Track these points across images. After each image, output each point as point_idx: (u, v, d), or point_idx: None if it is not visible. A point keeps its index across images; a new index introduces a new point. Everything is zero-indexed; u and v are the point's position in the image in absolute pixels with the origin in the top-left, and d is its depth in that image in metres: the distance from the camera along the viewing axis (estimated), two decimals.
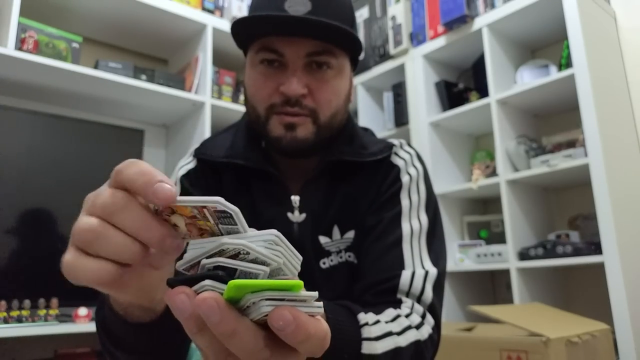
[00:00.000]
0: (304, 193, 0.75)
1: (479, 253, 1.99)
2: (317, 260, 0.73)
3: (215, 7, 2.20)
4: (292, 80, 0.68)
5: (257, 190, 0.76)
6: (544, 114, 2.13)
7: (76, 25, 2.04)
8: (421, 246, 0.72)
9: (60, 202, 1.76)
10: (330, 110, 0.72)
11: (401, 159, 0.78)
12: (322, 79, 0.71)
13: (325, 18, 0.66)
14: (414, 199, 0.75)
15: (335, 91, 0.72)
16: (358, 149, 0.77)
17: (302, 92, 0.69)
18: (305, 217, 0.74)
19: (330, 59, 0.70)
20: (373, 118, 2.54)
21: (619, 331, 1.52)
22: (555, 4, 1.84)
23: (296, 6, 0.66)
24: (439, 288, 0.70)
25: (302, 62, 0.69)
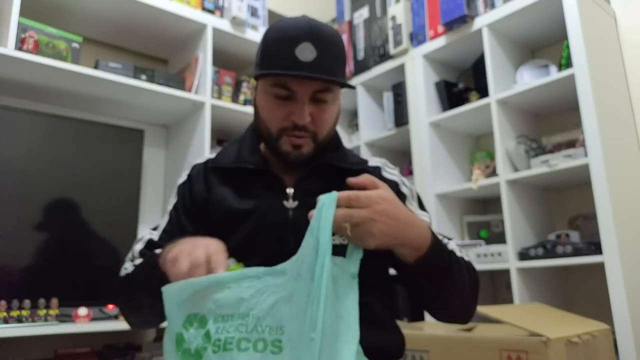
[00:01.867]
0: (297, 186, 0.93)
1: (479, 253, 1.99)
2: None
3: (215, 7, 2.19)
4: (303, 112, 0.87)
5: (258, 184, 0.94)
6: (544, 114, 2.13)
7: (76, 25, 2.04)
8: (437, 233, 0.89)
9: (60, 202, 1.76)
10: (326, 131, 0.92)
11: (394, 176, 0.99)
12: (322, 110, 0.90)
13: (327, 62, 0.86)
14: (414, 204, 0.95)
15: (331, 117, 0.92)
16: (342, 156, 0.97)
17: (308, 120, 0.88)
18: (298, 204, 0.90)
19: (328, 95, 0.89)
20: (373, 118, 2.54)
21: (619, 331, 1.52)
22: (555, 4, 1.84)
23: (305, 53, 0.84)
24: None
25: (308, 97, 0.87)
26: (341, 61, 0.90)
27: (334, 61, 0.87)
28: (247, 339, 0.63)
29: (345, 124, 2.81)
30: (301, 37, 0.84)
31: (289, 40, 0.85)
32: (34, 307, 1.54)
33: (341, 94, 0.97)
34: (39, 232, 1.69)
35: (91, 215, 1.81)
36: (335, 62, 0.88)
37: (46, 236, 1.71)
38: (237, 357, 0.62)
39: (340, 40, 0.90)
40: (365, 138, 2.46)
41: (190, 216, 0.96)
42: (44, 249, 1.69)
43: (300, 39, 0.84)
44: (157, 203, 2.22)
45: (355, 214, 0.69)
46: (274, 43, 0.88)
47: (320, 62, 0.84)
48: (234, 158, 0.97)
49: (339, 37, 0.90)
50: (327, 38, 0.87)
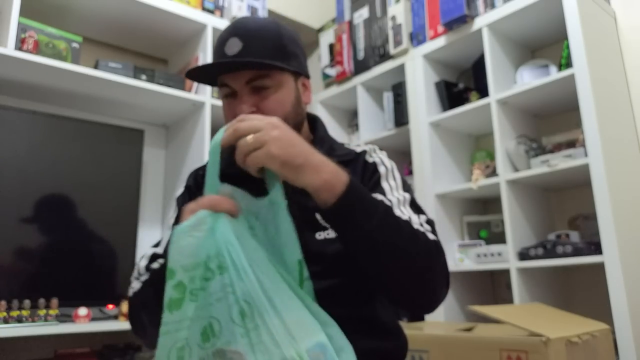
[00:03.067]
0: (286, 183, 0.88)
1: (479, 253, 1.99)
2: (314, 233, 0.87)
3: (215, 7, 2.19)
4: (241, 106, 0.87)
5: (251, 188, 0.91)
6: (544, 114, 2.13)
7: (76, 25, 2.04)
8: (408, 210, 0.86)
9: (60, 202, 1.76)
10: (277, 116, 0.87)
11: (376, 156, 0.96)
12: (264, 97, 0.88)
13: (254, 50, 0.87)
14: (392, 184, 0.91)
15: (277, 102, 0.89)
16: (328, 150, 0.92)
17: (249, 111, 0.86)
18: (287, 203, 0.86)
19: (266, 81, 0.88)
20: (373, 118, 2.54)
21: (619, 331, 1.52)
22: (555, 4, 1.84)
23: (231, 48, 0.88)
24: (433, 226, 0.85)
25: (246, 88, 0.88)
26: (274, 47, 0.89)
27: (262, 48, 0.88)
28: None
29: (345, 124, 2.81)
30: (229, 34, 0.89)
31: (220, 41, 0.90)
32: (34, 307, 1.54)
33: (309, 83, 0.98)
34: (39, 232, 1.69)
35: (91, 215, 1.81)
36: (265, 48, 0.88)
37: (46, 236, 1.71)
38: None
39: (273, 27, 0.91)
40: (365, 138, 2.46)
41: None
42: (44, 249, 1.69)
43: (228, 36, 0.88)
44: (157, 203, 2.22)
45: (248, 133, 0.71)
46: (213, 50, 0.94)
47: (246, 52, 0.86)
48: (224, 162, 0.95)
49: (271, 25, 0.91)
50: (254, 29, 0.89)
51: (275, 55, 0.89)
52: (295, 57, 0.93)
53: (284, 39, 0.91)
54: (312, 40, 3.08)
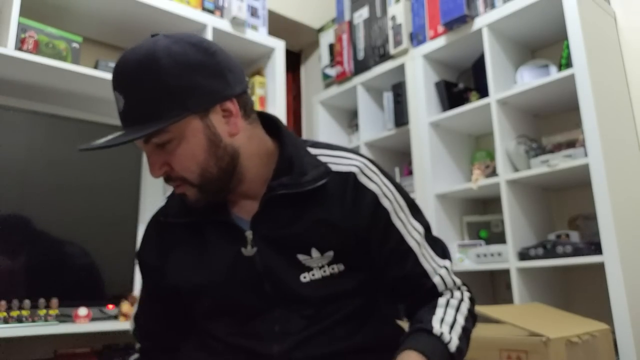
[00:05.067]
0: (256, 226, 0.82)
1: (478, 253, 1.98)
2: (297, 276, 0.80)
3: (215, 7, 2.19)
4: (151, 166, 0.77)
5: (214, 233, 0.84)
6: (544, 114, 2.13)
7: (76, 25, 2.04)
8: (428, 250, 0.85)
9: (61, 202, 1.76)
10: (193, 172, 0.76)
11: (373, 184, 0.83)
12: (170, 154, 0.75)
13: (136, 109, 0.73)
14: (402, 217, 0.84)
15: (185, 156, 0.75)
16: (297, 177, 0.80)
17: (161, 173, 0.77)
18: (257, 249, 0.81)
19: (162, 137, 0.74)
20: (373, 118, 2.54)
21: (619, 331, 1.52)
22: (555, 4, 1.84)
23: (118, 104, 0.75)
24: (451, 260, 0.88)
25: (149, 147, 0.76)
26: (156, 92, 0.72)
27: (142, 101, 0.72)
28: None
29: (345, 124, 2.81)
30: (113, 85, 0.76)
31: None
32: (34, 307, 1.54)
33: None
34: (38, 232, 1.69)
35: (91, 215, 1.81)
36: (145, 100, 0.72)
37: (46, 236, 1.71)
38: None
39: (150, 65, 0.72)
40: (365, 138, 2.46)
41: (156, 288, 0.93)
42: (44, 249, 1.69)
43: (114, 88, 0.75)
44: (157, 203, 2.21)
45: None
46: None
47: (128, 111, 0.73)
48: (180, 211, 0.86)
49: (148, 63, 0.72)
50: (129, 75, 0.73)
51: (161, 101, 0.72)
52: (196, 90, 0.73)
53: (167, 76, 0.71)
54: (312, 40, 3.08)
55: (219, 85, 0.75)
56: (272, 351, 0.78)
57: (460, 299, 0.84)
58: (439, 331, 0.76)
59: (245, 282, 0.81)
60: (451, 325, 0.78)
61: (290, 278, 0.80)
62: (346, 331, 0.81)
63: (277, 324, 0.80)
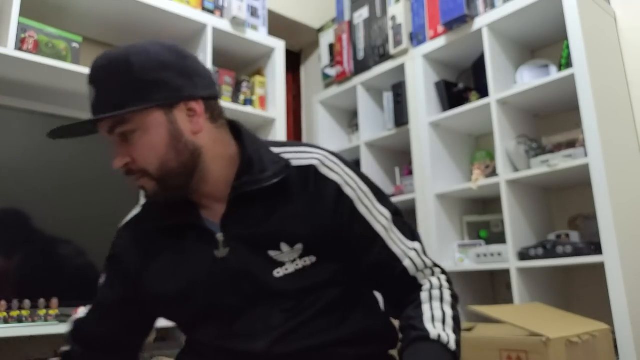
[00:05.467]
0: (226, 227, 0.84)
1: (479, 253, 1.99)
2: (270, 272, 0.81)
3: (215, 7, 2.19)
4: (115, 157, 0.80)
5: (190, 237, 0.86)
6: (544, 114, 2.13)
7: (76, 25, 2.04)
8: (397, 234, 0.85)
9: (60, 202, 1.76)
10: (153, 164, 0.79)
11: (335, 174, 0.84)
12: (132, 143, 0.78)
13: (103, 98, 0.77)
14: (367, 203, 0.85)
15: (146, 147, 0.78)
16: (257, 174, 0.82)
17: (123, 163, 0.79)
18: (229, 250, 0.82)
19: (125, 127, 0.77)
20: (373, 118, 2.54)
21: (619, 331, 1.52)
22: (555, 4, 1.84)
23: (91, 97, 0.79)
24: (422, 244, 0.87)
25: (113, 137, 0.79)
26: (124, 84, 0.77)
27: (110, 91, 0.77)
28: None
29: (345, 124, 2.81)
30: (88, 78, 0.80)
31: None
32: (34, 307, 1.54)
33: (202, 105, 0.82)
34: (38, 232, 1.69)
35: (91, 215, 1.81)
36: (113, 90, 0.77)
37: (46, 236, 1.71)
38: None
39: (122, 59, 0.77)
40: (365, 138, 2.46)
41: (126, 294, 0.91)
42: (43, 249, 1.69)
43: (88, 82, 0.80)
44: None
45: None
46: None
47: (97, 103, 0.78)
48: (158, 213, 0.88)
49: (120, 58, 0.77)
50: (101, 69, 0.78)
51: (127, 93, 0.76)
52: (163, 86, 0.78)
53: (137, 71, 0.77)
54: (312, 40, 3.08)
55: (185, 85, 0.79)
56: (257, 348, 0.79)
57: (439, 286, 0.83)
58: (436, 333, 0.76)
59: (224, 283, 0.82)
60: (443, 320, 0.78)
61: (264, 275, 0.81)
62: (328, 323, 0.81)
63: (259, 321, 0.81)
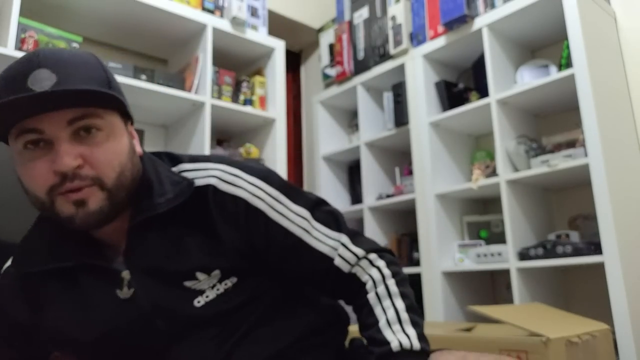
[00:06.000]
0: (130, 263, 0.74)
1: (479, 253, 1.99)
2: (191, 302, 0.74)
3: (215, 7, 2.20)
4: (61, 154, 0.65)
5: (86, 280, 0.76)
6: (544, 114, 2.13)
7: (76, 25, 2.04)
8: (319, 228, 0.78)
9: None
10: (114, 171, 0.69)
11: (237, 188, 0.76)
12: (94, 144, 0.67)
13: (76, 82, 0.65)
14: (280, 208, 0.77)
15: (112, 152, 0.69)
16: (156, 198, 0.74)
17: (75, 164, 0.65)
18: (134, 290, 0.74)
19: (96, 121, 0.68)
20: (373, 118, 2.54)
21: (619, 331, 1.53)
22: (555, 4, 1.85)
23: (41, 82, 0.64)
24: (356, 236, 0.80)
25: (66, 133, 0.66)
26: (100, 79, 0.70)
27: (83, 81, 0.67)
28: None
29: (345, 124, 2.81)
30: (31, 66, 0.65)
31: (15, 75, 0.66)
32: None
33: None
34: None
35: None
36: (87, 81, 0.67)
37: None
38: None
39: (92, 57, 0.71)
40: (365, 138, 2.46)
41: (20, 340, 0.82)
42: None
43: (31, 69, 0.65)
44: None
45: None
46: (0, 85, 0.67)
47: (65, 85, 0.64)
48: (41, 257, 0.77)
49: (89, 56, 0.71)
50: (68, 58, 0.68)
51: (104, 84, 0.70)
52: (122, 95, 0.73)
53: (108, 73, 0.72)
54: (312, 40, 3.09)
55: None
56: None
57: (381, 278, 0.76)
58: (397, 342, 0.70)
59: (134, 325, 0.74)
60: (398, 320, 0.73)
61: (182, 307, 0.74)
62: (272, 332, 0.77)
63: (190, 355, 0.75)
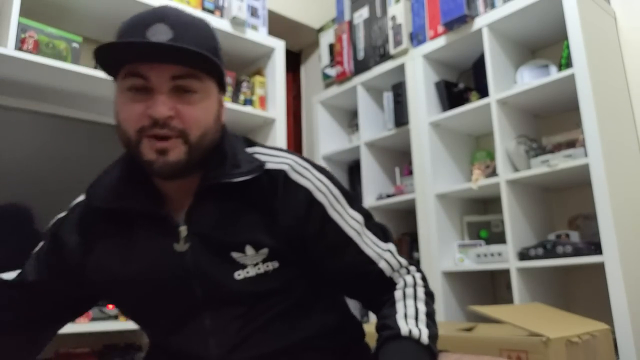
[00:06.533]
0: (190, 221, 0.79)
1: (479, 253, 1.99)
2: (231, 274, 0.78)
3: (215, 7, 2.19)
4: (158, 102, 0.71)
5: (144, 226, 0.80)
6: (544, 114, 2.13)
7: (76, 25, 2.04)
8: (370, 236, 0.84)
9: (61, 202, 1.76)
10: (199, 129, 0.74)
11: (306, 180, 0.81)
12: (188, 102, 0.74)
13: (187, 45, 0.70)
14: (339, 208, 0.82)
15: (202, 112, 0.75)
16: (230, 169, 0.79)
17: (168, 114, 0.71)
18: (190, 245, 0.77)
19: (195, 83, 0.74)
20: (373, 118, 2.54)
21: (619, 331, 1.53)
22: (555, 4, 1.85)
23: (159, 35, 0.71)
24: (395, 244, 0.86)
25: (167, 85, 0.72)
26: (209, 46, 0.76)
27: (195, 44, 0.72)
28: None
29: (345, 124, 2.81)
30: (152, 19, 0.73)
31: (137, 24, 0.73)
32: None
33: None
34: (38, 232, 1.69)
35: None
36: (198, 44, 0.73)
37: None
38: None
39: (207, 25, 0.79)
40: (365, 138, 2.46)
41: (57, 274, 0.87)
42: None
43: (152, 21, 0.72)
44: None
45: None
46: (122, 30, 0.75)
47: (178, 43, 0.71)
48: (111, 195, 0.83)
49: (205, 23, 0.79)
50: (187, 20, 0.76)
51: (212, 49, 0.76)
52: (222, 66, 0.79)
53: (217, 43, 0.79)
54: (312, 40, 3.08)
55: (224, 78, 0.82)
56: (212, 355, 0.77)
57: (413, 284, 0.81)
58: (407, 330, 0.74)
59: (174, 281, 0.77)
60: (415, 317, 0.77)
61: (223, 276, 0.77)
62: (289, 326, 0.80)
63: (210, 327, 0.78)
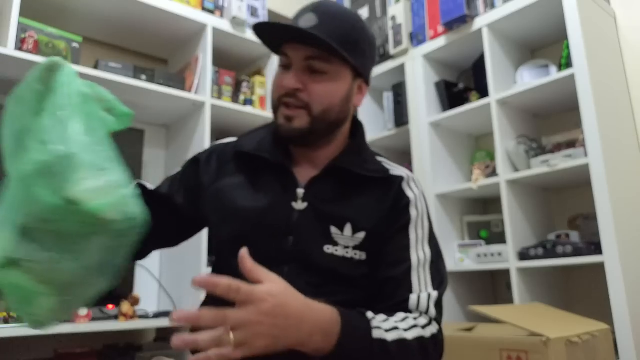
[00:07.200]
0: (310, 187, 0.89)
1: (479, 253, 1.99)
2: (322, 245, 0.85)
3: (215, 7, 2.19)
4: (290, 77, 0.86)
5: (271, 178, 0.91)
6: (544, 114, 2.13)
7: (76, 25, 2.04)
8: (426, 274, 0.86)
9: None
10: (322, 105, 0.86)
11: (412, 192, 0.92)
12: (317, 80, 0.86)
13: (326, 32, 0.83)
14: (419, 233, 0.89)
15: (327, 91, 0.86)
16: (361, 162, 0.92)
17: (296, 86, 0.85)
18: (307, 206, 0.87)
19: (325, 66, 0.86)
20: (373, 118, 2.54)
21: (619, 331, 1.53)
22: (555, 4, 1.85)
23: (304, 22, 0.85)
24: (440, 306, 0.85)
25: (301, 64, 0.86)
26: (346, 36, 0.85)
27: (334, 32, 0.84)
28: None
29: None
30: (307, 9, 0.87)
31: (298, 13, 0.89)
32: None
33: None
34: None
35: None
36: (337, 34, 0.84)
37: None
38: None
39: (353, 19, 0.88)
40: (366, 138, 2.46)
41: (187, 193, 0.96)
42: None
43: (305, 11, 0.87)
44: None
45: (231, 316, 0.60)
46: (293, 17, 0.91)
47: (317, 30, 0.83)
48: (255, 145, 0.94)
49: (352, 17, 0.88)
50: (334, 12, 0.86)
51: (344, 44, 0.85)
52: (363, 57, 0.89)
53: (358, 34, 0.88)
54: None
55: (370, 67, 0.94)
56: None
57: (422, 324, 0.79)
58: (372, 316, 0.75)
59: (277, 229, 0.85)
60: (391, 328, 0.75)
61: (314, 244, 0.84)
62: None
63: (285, 279, 0.79)
